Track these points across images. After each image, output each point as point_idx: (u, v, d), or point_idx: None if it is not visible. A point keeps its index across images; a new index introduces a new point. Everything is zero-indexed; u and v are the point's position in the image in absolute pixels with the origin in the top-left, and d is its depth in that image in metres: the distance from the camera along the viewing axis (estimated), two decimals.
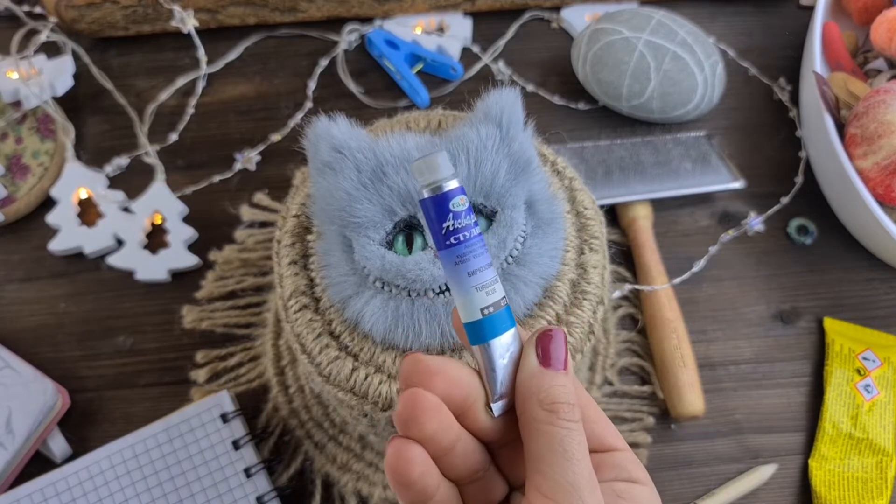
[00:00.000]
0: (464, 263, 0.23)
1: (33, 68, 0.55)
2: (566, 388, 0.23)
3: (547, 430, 0.22)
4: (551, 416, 0.22)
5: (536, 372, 0.23)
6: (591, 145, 0.56)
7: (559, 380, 0.23)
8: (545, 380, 0.23)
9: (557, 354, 0.23)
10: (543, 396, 0.23)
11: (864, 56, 0.57)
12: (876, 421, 0.48)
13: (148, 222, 0.53)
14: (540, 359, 0.23)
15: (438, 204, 0.23)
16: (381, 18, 0.61)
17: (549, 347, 0.23)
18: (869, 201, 0.47)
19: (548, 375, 0.23)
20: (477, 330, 0.23)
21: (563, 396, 0.23)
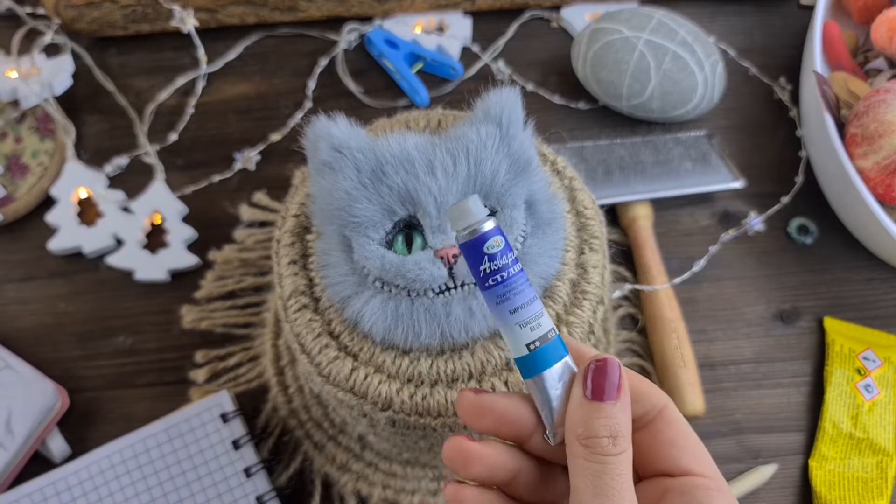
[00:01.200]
0: (505, 302, 0.24)
1: (33, 67, 0.55)
2: (610, 419, 0.23)
3: (582, 464, 0.22)
4: (587, 451, 0.22)
5: (580, 405, 0.23)
6: (591, 145, 0.56)
7: (603, 412, 0.23)
8: (586, 413, 0.23)
9: (604, 384, 0.23)
10: (581, 431, 0.23)
11: (864, 55, 0.57)
12: (876, 421, 0.48)
13: (147, 222, 0.53)
14: (587, 391, 0.23)
15: (473, 248, 0.24)
16: (380, 18, 0.61)
17: (597, 379, 0.23)
18: (869, 201, 0.47)
19: (590, 408, 0.23)
20: (527, 364, 0.24)
21: (602, 430, 0.23)
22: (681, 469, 0.24)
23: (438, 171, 0.33)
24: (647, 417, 0.25)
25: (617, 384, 0.23)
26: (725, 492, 0.24)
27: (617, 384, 0.23)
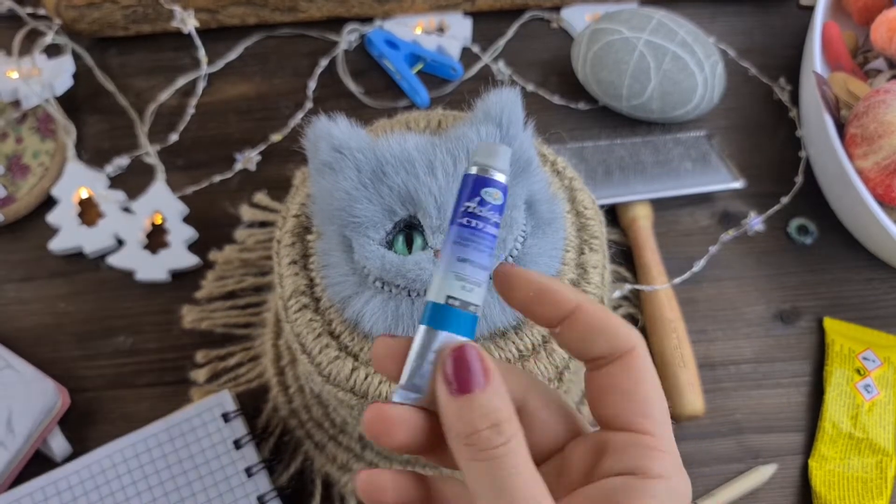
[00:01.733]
0: (461, 247, 0.22)
1: (34, 68, 0.55)
2: (486, 408, 0.20)
3: (473, 466, 0.20)
4: (472, 450, 0.20)
5: (449, 403, 0.21)
6: (591, 145, 0.56)
7: (475, 403, 0.20)
8: (458, 410, 0.21)
9: (467, 375, 0.21)
10: (460, 430, 0.20)
11: (864, 56, 0.57)
12: (876, 421, 0.48)
13: (148, 222, 0.53)
14: (452, 388, 0.21)
15: (475, 184, 0.23)
16: (381, 18, 0.61)
17: (459, 372, 0.21)
18: (869, 201, 0.47)
19: (461, 404, 0.21)
20: (434, 313, 0.22)
21: (480, 421, 0.20)
22: (623, 423, 0.22)
23: (439, 172, 0.33)
24: (607, 359, 0.23)
25: (481, 369, 0.21)
26: (669, 453, 0.22)
27: (481, 369, 0.21)
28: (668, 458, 0.21)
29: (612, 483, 0.21)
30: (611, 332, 0.23)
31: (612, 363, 0.23)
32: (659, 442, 0.22)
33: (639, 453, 0.21)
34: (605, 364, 0.23)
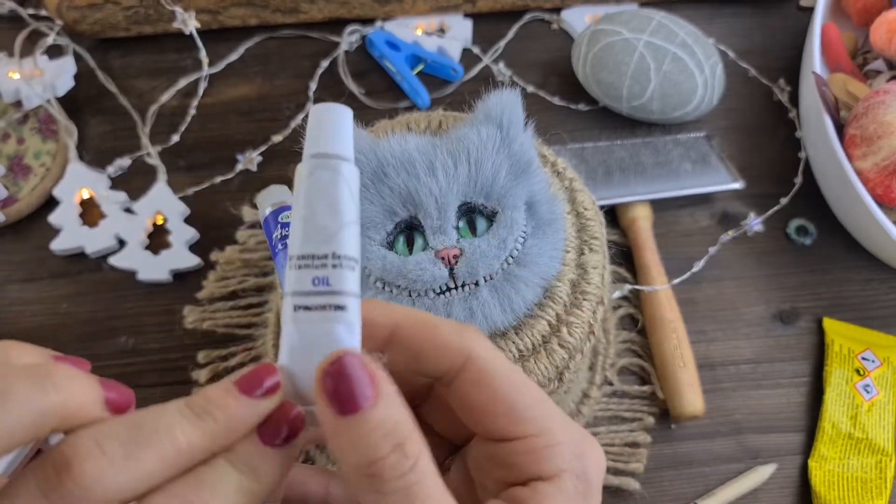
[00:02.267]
0: None
1: (35, 69, 0.55)
2: (383, 428, 0.17)
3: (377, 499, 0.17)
4: (375, 482, 0.17)
5: (338, 426, 0.17)
6: (591, 146, 0.56)
7: (367, 424, 0.17)
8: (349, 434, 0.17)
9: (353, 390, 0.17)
10: (357, 460, 0.17)
11: (863, 57, 0.57)
12: (875, 421, 0.48)
13: (150, 223, 0.53)
14: (336, 408, 0.17)
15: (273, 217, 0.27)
16: (381, 20, 0.62)
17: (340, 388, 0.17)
18: (868, 202, 0.47)
19: (351, 426, 0.17)
20: None
21: (380, 446, 0.17)
22: (501, 434, 0.20)
23: (439, 172, 0.34)
24: (448, 376, 0.20)
25: (367, 379, 0.17)
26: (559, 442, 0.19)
27: (367, 379, 0.17)
28: (560, 449, 0.19)
29: (517, 493, 0.19)
30: (437, 348, 0.20)
31: (456, 379, 0.20)
32: (545, 438, 0.19)
33: (528, 459, 0.19)
34: (448, 382, 0.20)
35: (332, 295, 0.19)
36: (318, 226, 0.19)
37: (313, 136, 0.20)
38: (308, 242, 0.19)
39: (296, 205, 0.20)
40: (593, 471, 0.20)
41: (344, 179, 0.20)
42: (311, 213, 0.19)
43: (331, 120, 0.20)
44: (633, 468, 0.46)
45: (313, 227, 0.19)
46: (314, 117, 0.20)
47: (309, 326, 0.19)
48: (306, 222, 0.19)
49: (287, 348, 0.20)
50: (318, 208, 0.19)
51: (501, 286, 0.34)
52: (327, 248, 0.19)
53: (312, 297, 0.19)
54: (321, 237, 0.19)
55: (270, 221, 0.24)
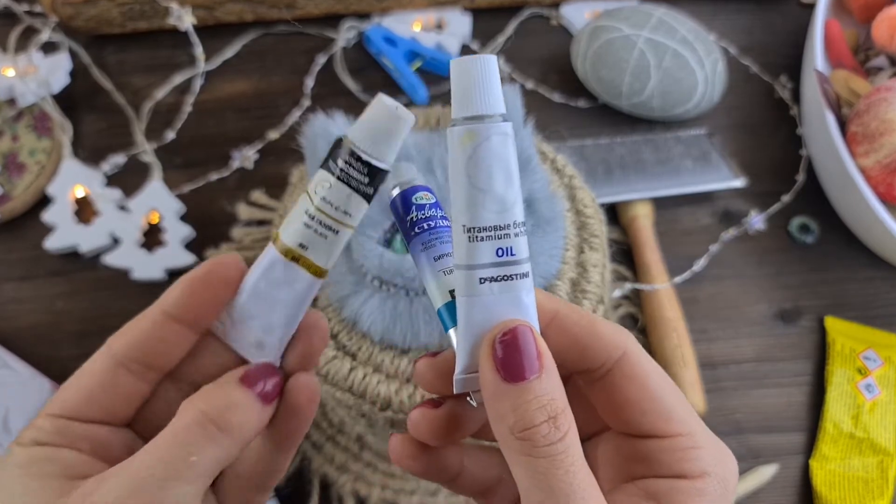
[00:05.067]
0: (430, 249, 0.22)
1: (30, 65, 0.55)
2: (543, 398, 0.19)
3: (525, 462, 0.18)
4: (526, 446, 0.18)
5: (500, 391, 0.19)
6: (591, 143, 0.55)
7: (531, 393, 0.18)
8: (512, 399, 0.19)
9: (522, 359, 0.19)
10: (513, 422, 0.18)
11: (865, 54, 0.57)
12: (877, 421, 0.48)
13: (145, 221, 0.52)
14: (502, 373, 0.19)
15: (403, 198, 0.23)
16: (379, 15, 0.61)
17: (509, 356, 0.19)
18: (870, 200, 0.47)
19: (514, 393, 0.19)
20: (451, 312, 0.21)
21: (536, 416, 0.18)
22: (648, 430, 0.20)
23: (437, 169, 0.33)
24: (601, 370, 0.21)
25: (535, 353, 0.19)
26: (704, 445, 0.20)
27: (535, 353, 0.19)
28: (705, 452, 0.20)
29: (656, 484, 0.20)
30: (599, 339, 0.21)
31: (609, 373, 0.21)
32: (691, 439, 0.20)
33: (675, 457, 0.20)
34: (600, 375, 0.21)
35: (518, 264, 0.19)
36: (498, 196, 0.19)
37: (466, 94, 0.19)
38: (489, 213, 0.19)
39: (459, 173, 0.19)
40: (732, 479, 0.20)
41: (513, 141, 0.19)
42: (489, 183, 0.19)
43: (483, 74, 0.19)
44: None
45: (492, 197, 0.19)
46: (462, 73, 0.19)
47: (491, 297, 0.19)
48: (484, 193, 0.19)
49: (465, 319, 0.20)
50: (496, 177, 0.19)
51: None
52: (509, 217, 0.19)
53: (498, 268, 0.19)
54: (502, 207, 0.19)
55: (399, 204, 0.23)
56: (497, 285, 0.19)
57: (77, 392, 0.22)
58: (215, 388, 0.22)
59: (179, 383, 0.24)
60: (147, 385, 0.23)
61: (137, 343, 0.22)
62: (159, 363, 0.23)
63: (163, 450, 0.20)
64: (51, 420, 0.21)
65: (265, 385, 0.22)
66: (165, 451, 0.20)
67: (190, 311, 0.23)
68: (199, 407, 0.21)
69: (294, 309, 0.23)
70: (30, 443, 0.21)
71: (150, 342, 0.22)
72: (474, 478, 0.23)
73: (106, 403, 0.22)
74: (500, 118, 0.19)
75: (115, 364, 0.22)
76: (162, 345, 0.22)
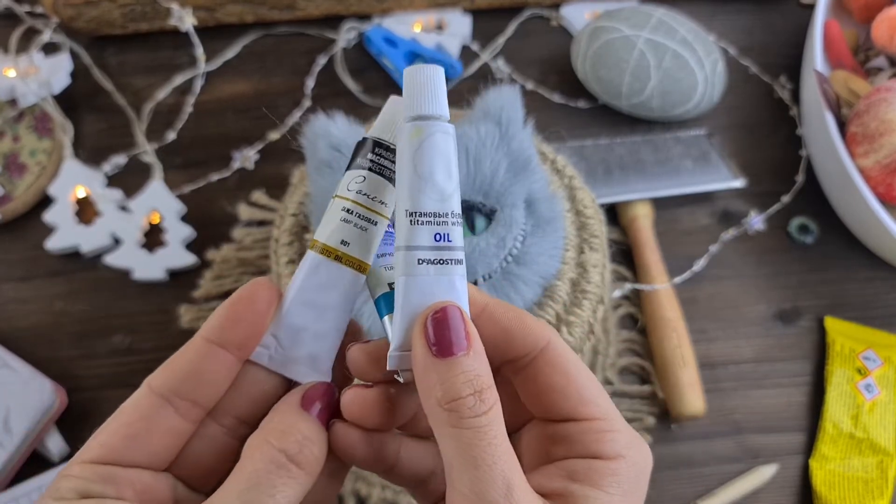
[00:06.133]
0: None
1: (31, 66, 0.55)
2: (469, 373, 0.20)
3: (450, 433, 0.19)
4: (452, 417, 0.19)
5: (429, 365, 0.20)
6: (590, 144, 0.55)
7: (459, 367, 0.20)
8: (439, 373, 0.20)
9: (451, 336, 0.20)
10: (441, 395, 0.19)
11: (865, 54, 0.57)
12: (877, 421, 0.48)
13: (145, 221, 0.52)
14: (432, 348, 0.20)
15: None
16: (379, 16, 0.61)
17: (439, 333, 0.20)
18: (870, 200, 0.47)
19: (442, 367, 0.20)
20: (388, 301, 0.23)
21: (464, 388, 0.19)
22: (567, 414, 0.21)
23: None
24: (526, 359, 0.22)
25: (464, 332, 0.20)
26: (620, 430, 0.21)
27: (464, 332, 0.20)
28: (620, 436, 0.21)
29: (574, 464, 0.21)
30: (525, 329, 0.22)
31: (534, 361, 0.22)
32: (608, 423, 0.21)
33: (591, 439, 0.21)
34: (526, 363, 0.22)
35: (453, 251, 0.21)
36: (438, 186, 0.21)
37: (416, 97, 0.21)
38: (429, 201, 0.21)
39: (405, 163, 0.21)
40: (645, 465, 0.22)
41: (454, 141, 0.21)
42: (430, 174, 0.21)
43: (430, 80, 0.21)
44: None
45: (433, 186, 0.21)
46: (412, 79, 0.21)
47: (427, 278, 0.21)
48: (425, 181, 0.21)
49: (403, 298, 0.21)
50: (437, 169, 0.21)
51: (500, 285, 0.33)
52: (448, 207, 0.21)
53: (435, 251, 0.21)
54: (441, 196, 0.21)
55: None
56: (433, 267, 0.21)
57: (117, 434, 0.20)
58: (282, 419, 0.21)
59: (222, 418, 0.22)
60: (191, 423, 0.22)
61: (182, 375, 0.21)
62: (206, 396, 0.22)
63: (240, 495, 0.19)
64: (92, 467, 0.20)
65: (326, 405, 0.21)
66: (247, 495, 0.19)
67: (234, 335, 0.22)
68: (275, 444, 0.20)
69: (343, 312, 0.23)
70: (74, 496, 0.19)
71: (195, 374, 0.21)
72: (409, 469, 0.23)
73: (149, 446, 0.21)
74: (445, 120, 0.21)
75: (159, 402, 0.21)
76: (208, 375, 0.21)
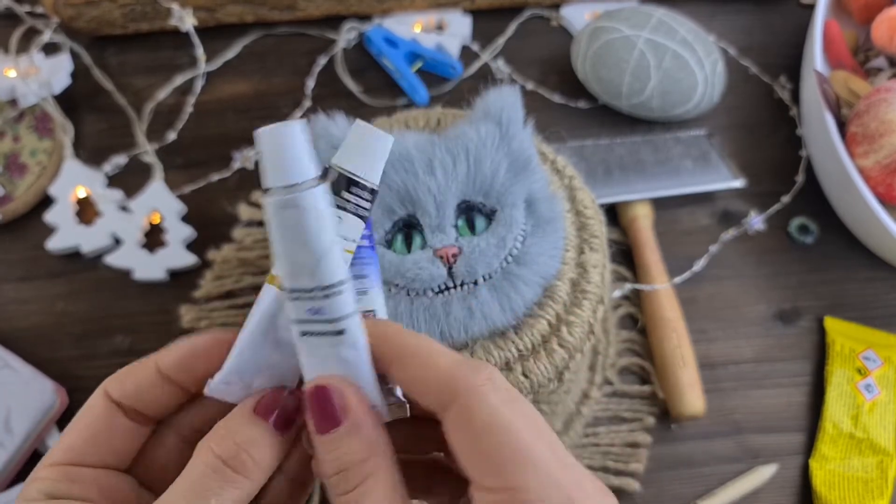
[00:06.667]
0: None
1: (31, 66, 0.55)
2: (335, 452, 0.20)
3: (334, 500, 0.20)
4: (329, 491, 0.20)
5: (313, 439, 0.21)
6: (591, 144, 0.55)
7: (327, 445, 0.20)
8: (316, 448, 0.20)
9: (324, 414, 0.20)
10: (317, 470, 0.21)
11: (864, 54, 0.57)
12: (877, 421, 0.48)
13: (146, 221, 0.52)
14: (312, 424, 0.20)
15: None
16: (379, 16, 0.61)
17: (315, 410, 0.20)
18: (870, 200, 0.47)
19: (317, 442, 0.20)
20: None
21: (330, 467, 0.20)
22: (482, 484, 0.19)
23: (438, 170, 0.33)
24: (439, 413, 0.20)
25: (335, 410, 0.20)
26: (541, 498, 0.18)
27: (335, 410, 0.20)
28: None
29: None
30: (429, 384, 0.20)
31: (445, 418, 0.20)
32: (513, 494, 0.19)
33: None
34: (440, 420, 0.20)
35: (329, 322, 0.20)
36: (297, 263, 0.19)
37: (266, 166, 0.19)
38: (293, 278, 0.19)
39: (272, 237, 0.19)
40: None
41: (308, 211, 0.19)
42: (288, 252, 0.19)
43: (279, 144, 0.19)
44: (633, 468, 0.46)
45: (293, 263, 0.19)
46: (261, 145, 0.19)
47: (317, 349, 0.20)
48: (286, 259, 0.19)
49: (305, 367, 0.21)
50: (292, 247, 0.19)
51: (501, 285, 0.33)
52: (311, 282, 0.19)
53: (312, 324, 0.20)
54: (303, 272, 0.19)
55: None
56: (315, 339, 0.20)
57: (79, 436, 0.21)
58: (228, 424, 0.21)
59: (181, 430, 0.23)
60: (145, 428, 0.22)
61: (132, 391, 0.22)
62: (153, 413, 0.22)
63: (182, 498, 0.19)
64: (58, 469, 0.21)
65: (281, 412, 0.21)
66: (184, 499, 0.19)
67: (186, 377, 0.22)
68: (213, 449, 0.20)
69: None
70: (42, 497, 0.20)
71: (144, 393, 0.22)
72: None
73: (109, 446, 0.21)
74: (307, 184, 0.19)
75: (113, 407, 0.22)
76: (156, 397, 0.22)
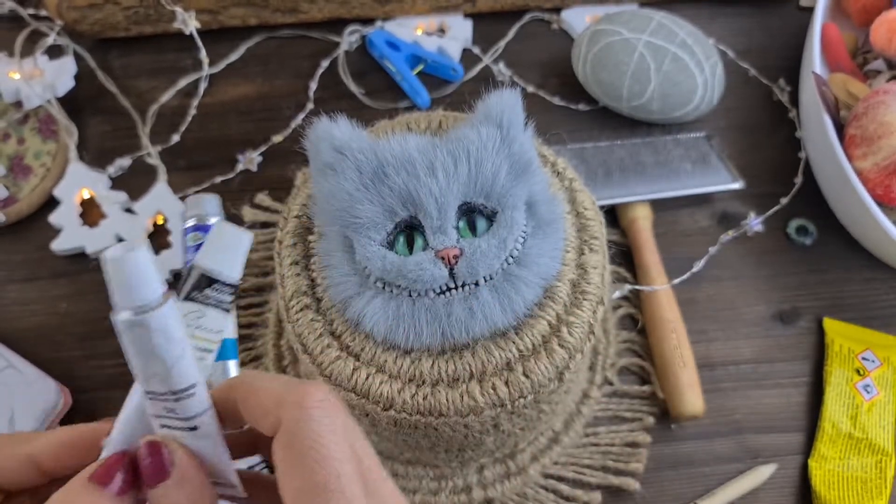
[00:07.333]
0: None
1: (35, 69, 0.55)
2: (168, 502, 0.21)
3: None
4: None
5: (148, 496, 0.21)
6: (591, 146, 0.56)
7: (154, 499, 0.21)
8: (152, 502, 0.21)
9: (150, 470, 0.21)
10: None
11: (863, 57, 0.57)
12: (875, 421, 0.48)
13: (150, 223, 0.53)
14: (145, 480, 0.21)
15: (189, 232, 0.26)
16: (381, 19, 0.62)
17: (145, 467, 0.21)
18: (868, 202, 0.47)
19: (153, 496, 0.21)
20: None
21: None
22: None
23: (439, 172, 0.34)
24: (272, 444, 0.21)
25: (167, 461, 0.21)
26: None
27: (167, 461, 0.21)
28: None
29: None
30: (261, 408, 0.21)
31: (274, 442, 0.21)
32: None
33: None
34: None
35: (182, 420, 0.22)
36: (149, 371, 0.21)
37: (113, 288, 0.20)
38: (147, 383, 0.21)
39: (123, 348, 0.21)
40: None
41: (156, 331, 0.20)
42: (139, 363, 0.21)
43: (124, 269, 0.20)
44: (633, 468, 0.46)
45: (144, 371, 0.21)
46: (107, 270, 0.20)
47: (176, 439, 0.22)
48: (138, 368, 0.21)
49: None
50: (143, 360, 0.21)
51: (501, 286, 0.34)
52: (163, 387, 0.21)
53: (168, 419, 0.22)
54: (155, 379, 0.21)
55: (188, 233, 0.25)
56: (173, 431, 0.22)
57: None
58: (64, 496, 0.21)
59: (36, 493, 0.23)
60: None
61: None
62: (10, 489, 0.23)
63: None
64: None
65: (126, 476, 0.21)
66: None
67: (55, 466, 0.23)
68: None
69: None
70: None
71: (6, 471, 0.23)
72: None
73: None
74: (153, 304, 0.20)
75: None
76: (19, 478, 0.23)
